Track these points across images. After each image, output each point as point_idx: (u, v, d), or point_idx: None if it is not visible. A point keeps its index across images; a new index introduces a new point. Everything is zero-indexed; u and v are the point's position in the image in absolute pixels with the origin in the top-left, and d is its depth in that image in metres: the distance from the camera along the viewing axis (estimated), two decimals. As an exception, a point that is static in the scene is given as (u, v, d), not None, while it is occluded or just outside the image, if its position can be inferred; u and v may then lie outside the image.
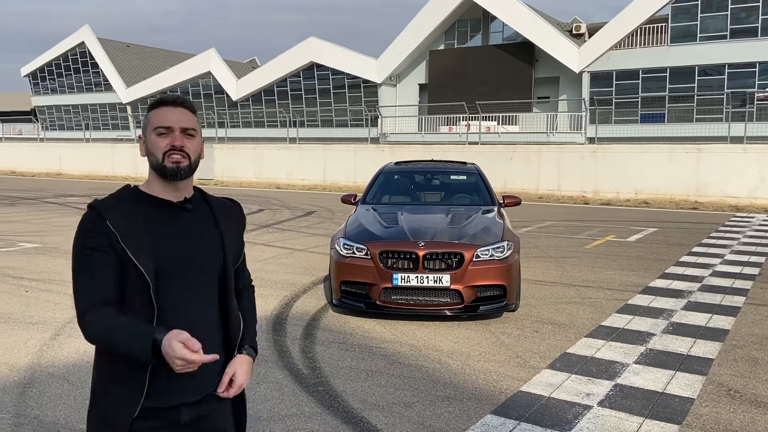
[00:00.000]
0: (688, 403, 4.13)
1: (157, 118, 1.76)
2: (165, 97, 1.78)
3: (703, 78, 27.54)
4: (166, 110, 1.76)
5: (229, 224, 1.88)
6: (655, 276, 8.08)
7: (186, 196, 1.81)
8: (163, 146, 1.74)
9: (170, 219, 1.76)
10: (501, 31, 32.33)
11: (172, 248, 1.72)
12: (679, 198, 18.34)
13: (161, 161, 1.74)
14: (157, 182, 1.78)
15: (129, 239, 1.66)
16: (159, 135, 1.75)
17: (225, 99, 39.34)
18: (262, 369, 4.69)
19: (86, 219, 1.72)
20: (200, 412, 1.79)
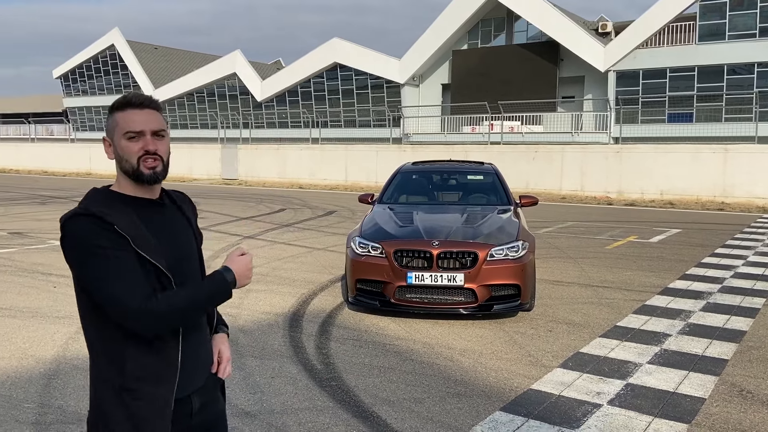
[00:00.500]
0: (699, 402, 4.12)
1: (125, 122, 1.71)
2: (130, 97, 1.73)
3: (731, 77, 27.04)
4: (133, 113, 1.71)
5: (191, 215, 1.92)
6: (675, 277, 8.02)
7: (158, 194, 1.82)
8: (136, 151, 1.70)
9: (157, 216, 1.76)
10: (525, 30, 32.14)
11: (167, 243, 1.74)
12: (705, 199, 18.07)
13: (137, 167, 1.71)
14: (129, 185, 1.75)
15: (139, 241, 1.64)
16: (130, 139, 1.70)
17: (250, 100, 39.77)
18: (277, 364, 4.80)
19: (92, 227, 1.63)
20: (206, 397, 1.85)
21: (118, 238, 1.62)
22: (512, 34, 32.62)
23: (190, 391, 1.78)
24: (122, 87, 47.34)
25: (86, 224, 1.63)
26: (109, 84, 48.35)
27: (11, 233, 11.55)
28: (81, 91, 50.12)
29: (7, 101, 60.93)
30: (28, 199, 19.04)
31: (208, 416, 1.87)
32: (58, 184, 26.53)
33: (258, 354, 5.04)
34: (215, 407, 1.91)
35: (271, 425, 3.77)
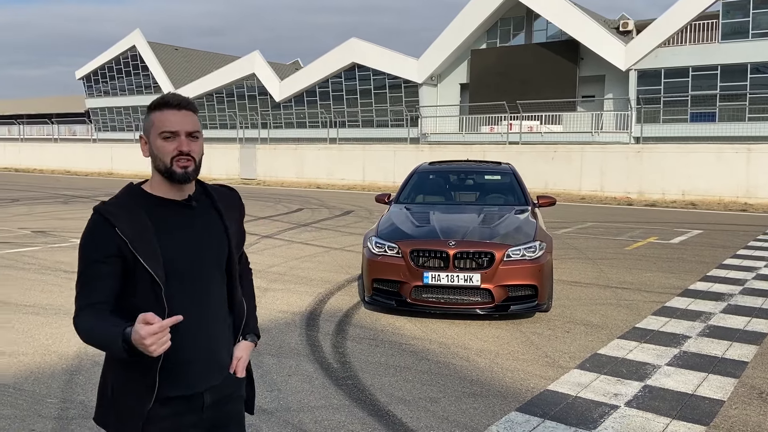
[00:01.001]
0: (718, 405, 4.08)
1: (162, 122, 1.76)
2: (168, 98, 1.78)
3: (755, 76, 26.61)
4: (170, 113, 1.75)
5: (231, 214, 1.91)
6: (695, 279, 7.92)
7: (189, 194, 1.83)
8: (170, 151, 1.75)
9: (177, 217, 1.79)
10: (545, 29, 31.92)
11: (182, 246, 1.76)
12: (728, 199, 17.82)
13: (170, 166, 1.75)
14: (162, 183, 1.79)
15: (138, 244, 1.69)
16: (165, 139, 1.75)
17: (268, 100, 40.01)
18: (293, 362, 4.84)
19: (94, 225, 1.73)
20: (222, 394, 1.89)
21: (113, 243, 1.68)
22: (531, 33, 32.42)
23: (201, 388, 1.82)
24: (143, 88, 47.91)
25: (91, 223, 1.74)
26: (130, 85, 48.95)
27: (35, 231, 11.77)
28: (103, 92, 50.81)
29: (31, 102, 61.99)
30: (51, 199, 19.36)
31: (220, 414, 1.90)
32: (81, 184, 26.94)
33: (275, 352, 5.08)
34: (230, 407, 1.94)
35: (288, 423, 3.80)
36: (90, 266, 1.71)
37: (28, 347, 5.12)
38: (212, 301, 1.85)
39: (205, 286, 1.81)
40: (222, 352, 1.88)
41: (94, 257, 1.70)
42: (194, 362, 1.78)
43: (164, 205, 1.78)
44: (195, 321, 1.78)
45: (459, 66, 33.82)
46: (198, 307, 1.80)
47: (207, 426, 1.87)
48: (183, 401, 1.79)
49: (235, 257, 1.90)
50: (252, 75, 40.58)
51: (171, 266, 1.73)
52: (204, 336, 1.81)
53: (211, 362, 1.84)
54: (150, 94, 47.17)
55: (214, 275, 1.84)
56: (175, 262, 1.74)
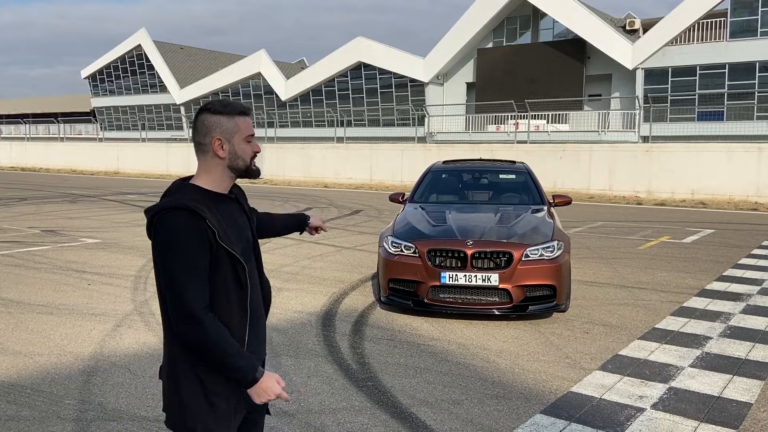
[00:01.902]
0: (746, 407, 4.01)
1: (247, 127, 1.98)
2: (243, 107, 1.99)
3: (764, 74, 26.46)
4: (247, 120, 1.99)
5: (247, 204, 2.15)
6: (712, 278, 7.85)
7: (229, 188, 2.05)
8: (250, 152, 1.99)
9: (229, 209, 1.99)
10: (551, 28, 31.83)
11: (238, 233, 1.96)
12: (738, 199, 17.70)
13: (249, 165, 2.00)
14: (226, 180, 1.99)
15: (222, 233, 1.86)
16: (248, 142, 1.98)
17: (274, 99, 40.00)
18: (312, 363, 4.79)
19: (189, 221, 1.82)
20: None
21: (207, 236, 1.82)
22: (538, 32, 32.33)
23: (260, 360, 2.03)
24: (149, 87, 47.97)
25: (182, 218, 1.83)
26: (135, 84, 49.01)
27: (44, 231, 11.75)
28: (108, 91, 50.90)
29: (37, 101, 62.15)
30: (58, 198, 19.36)
31: None
32: (87, 183, 26.96)
33: (293, 353, 5.03)
34: None
35: (310, 425, 3.75)
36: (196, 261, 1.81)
37: (43, 348, 5.09)
38: (256, 282, 2.06)
39: (252, 267, 2.03)
40: (262, 334, 2.08)
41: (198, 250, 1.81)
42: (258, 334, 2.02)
43: (219, 198, 1.96)
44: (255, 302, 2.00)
45: (465, 65, 33.75)
46: (256, 291, 2.03)
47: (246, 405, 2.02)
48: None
49: (257, 240, 2.15)
50: (258, 74, 40.58)
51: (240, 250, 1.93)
52: (259, 317, 2.03)
53: (263, 336, 2.08)
54: (155, 93, 47.22)
55: (253, 257, 2.07)
56: (241, 246, 1.94)
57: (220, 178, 1.97)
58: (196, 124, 1.97)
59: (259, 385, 1.86)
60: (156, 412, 3.86)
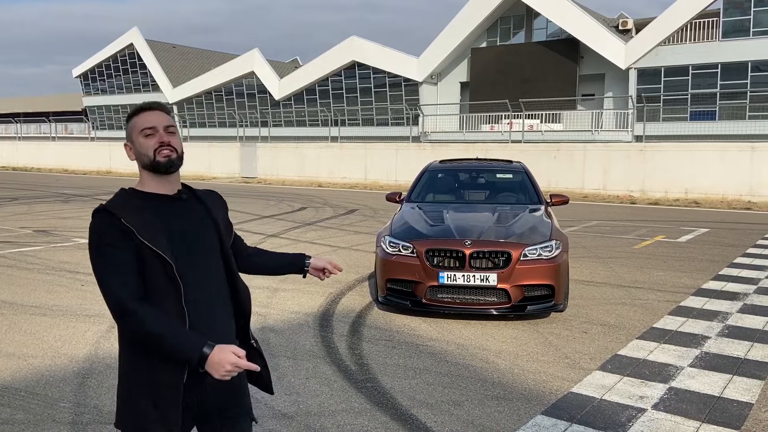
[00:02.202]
0: (747, 407, 4.00)
1: (141, 122, 1.94)
2: (141, 104, 1.98)
3: (756, 74, 26.59)
4: (146, 114, 1.95)
5: (218, 211, 2.08)
6: (708, 278, 7.85)
7: (178, 188, 2.00)
8: (152, 145, 1.93)
9: (171, 209, 1.94)
10: (545, 27, 31.87)
11: (180, 233, 1.91)
12: (731, 198, 17.77)
13: (153, 158, 1.92)
14: (151, 180, 1.95)
15: (144, 231, 1.82)
16: (146, 136, 1.93)
17: (268, 98, 39.87)
18: (310, 364, 4.75)
19: (100, 221, 1.85)
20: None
21: (123, 232, 1.81)
22: (531, 31, 32.36)
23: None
24: (141, 86, 47.70)
25: (98, 220, 1.86)
26: (128, 83, 48.73)
27: (36, 231, 11.64)
28: (100, 90, 50.58)
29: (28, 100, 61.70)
30: (50, 197, 19.22)
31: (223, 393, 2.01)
32: (80, 183, 26.78)
33: (291, 354, 4.99)
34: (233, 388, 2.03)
35: (309, 427, 3.71)
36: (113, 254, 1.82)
37: (37, 350, 5.02)
38: (212, 285, 1.98)
39: (204, 272, 1.95)
40: (221, 334, 1.97)
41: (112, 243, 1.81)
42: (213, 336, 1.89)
43: (158, 198, 1.94)
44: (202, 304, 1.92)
45: (459, 64, 33.74)
46: (200, 290, 1.93)
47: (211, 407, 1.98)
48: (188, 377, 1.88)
49: (228, 246, 2.05)
50: (251, 73, 40.43)
51: (176, 251, 1.87)
52: (206, 317, 1.94)
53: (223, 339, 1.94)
54: (148, 92, 46.97)
55: (210, 262, 1.98)
56: (176, 245, 1.88)
57: (146, 180, 1.96)
58: None
59: (211, 359, 1.77)
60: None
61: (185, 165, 2.17)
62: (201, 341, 1.80)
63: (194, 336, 1.81)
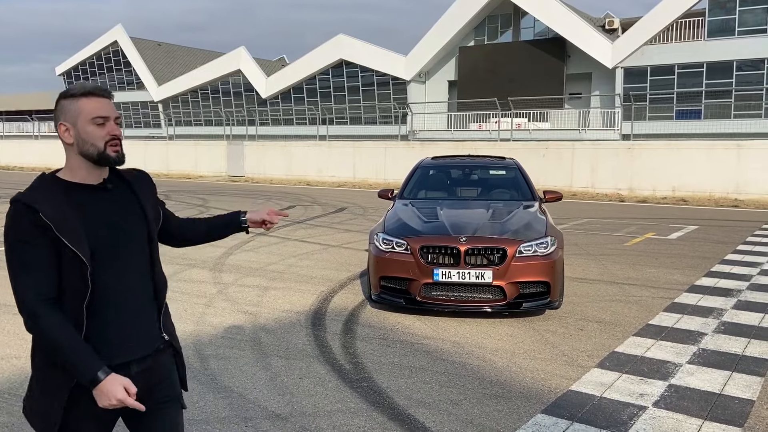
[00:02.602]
0: (748, 404, 3.95)
1: (93, 109, 1.83)
2: (92, 86, 1.85)
3: (741, 73, 26.82)
4: (98, 101, 1.84)
5: (146, 194, 2.02)
6: (700, 274, 7.84)
7: (104, 177, 1.91)
8: (103, 135, 1.83)
9: (96, 200, 1.86)
10: (532, 26, 31.93)
11: (102, 226, 1.84)
12: (718, 196, 17.87)
13: (103, 150, 1.84)
14: (82, 169, 1.86)
15: (62, 227, 1.74)
16: (98, 125, 1.83)
17: (254, 97, 39.60)
18: (304, 364, 4.64)
19: (16, 213, 1.76)
20: (148, 365, 1.96)
21: (40, 227, 1.73)
22: (519, 30, 32.41)
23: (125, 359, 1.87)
24: (125, 84, 47.19)
25: (14, 213, 1.78)
26: (112, 81, 48.18)
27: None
28: (84, 89, 49.90)
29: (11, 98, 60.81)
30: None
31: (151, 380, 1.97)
32: (63, 181, 26.33)
33: (283, 354, 4.88)
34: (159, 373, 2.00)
35: (305, 428, 3.61)
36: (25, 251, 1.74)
37: (20, 350, 4.86)
38: (134, 278, 1.93)
39: (126, 264, 1.89)
40: (146, 324, 1.95)
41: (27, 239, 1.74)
42: (117, 334, 1.86)
43: (82, 189, 1.85)
44: (118, 295, 1.86)
45: (447, 63, 33.71)
46: (120, 283, 1.88)
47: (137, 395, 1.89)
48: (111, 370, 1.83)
49: (155, 235, 2.00)
50: (237, 71, 40.14)
51: (94, 246, 1.80)
52: (127, 309, 1.89)
53: (134, 334, 1.91)
54: (132, 90, 46.49)
55: (135, 253, 1.92)
56: (97, 242, 1.81)
57: (77, 167, 1.86)
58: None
59: (100, 387, 1.74)
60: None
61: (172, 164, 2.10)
62: (97, 365, 1.75)
63: (91, 358, 1.76)
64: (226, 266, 8.20)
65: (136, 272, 1.93)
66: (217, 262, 8.43)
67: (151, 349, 1.95)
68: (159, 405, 1.99)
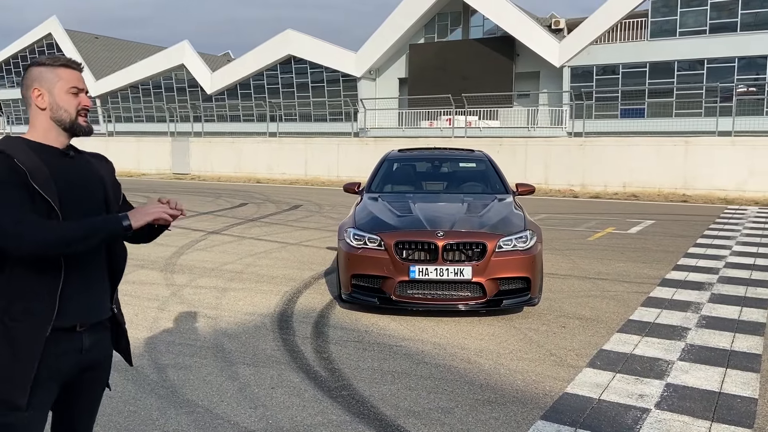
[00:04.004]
0: (752, 403, 3.76)
1: (71, 78, 1.92)
2: (67, 59, 1.93)
3: (682, 73, 27.62)
4: (74, 73, 1.94)
5: (105, 170, 2.06)
6: (669, 268, 7.77)
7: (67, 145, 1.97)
8: (76, 105, 1.92)
9: (61, 161, 1.91)
10: (481, 25, 32.05)
11: (66, 186, 1.87)
12: (667, 191, 18.23)
13: (75, 119, 1.92)
14: (52, 132, 1.91)
15: (36, 175, 1.79)
16: (73, 94, 1.92)
17: (199, 92, 38.39)
18: (275, 372, 4.21)
19: None
20: (97, 337, 1.99)
21: (16, 170, 1.76)
22: (469, 28, 32.49)
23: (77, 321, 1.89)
24: (61, 78, 45.01)
25: None
26: (46, 75, 45.85)
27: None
28: (16, 83, 47.38)
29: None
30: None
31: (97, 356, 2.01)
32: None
33: (250, 361, 4.42)
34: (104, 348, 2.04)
35: (284, 447, 3.19)
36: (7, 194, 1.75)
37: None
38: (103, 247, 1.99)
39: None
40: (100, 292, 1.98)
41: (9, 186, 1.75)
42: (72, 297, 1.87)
43: (49, 150, 1.90)
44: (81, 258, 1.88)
45: (397, 60, 33.47)
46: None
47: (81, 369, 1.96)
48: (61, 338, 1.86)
49: (114, 204, 2.02)
50: (181, 66, 38.82)
51: (64, 201, 1.84)
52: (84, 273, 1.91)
53: (87, 300, 1.93)
54: (69, 85, 44.36)
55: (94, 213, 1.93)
56: (64, 197, 1.85)
57: (46, 131, 1.91)
58: (22, 79, 1.94)
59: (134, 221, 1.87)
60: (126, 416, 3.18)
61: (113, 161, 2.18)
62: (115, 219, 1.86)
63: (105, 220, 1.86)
64: (178, 266, 7.63)
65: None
66: (168, 263, 7.85)
67: (102, 318, 1.99)
68: (92, 382, 2.03)
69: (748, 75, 26.47)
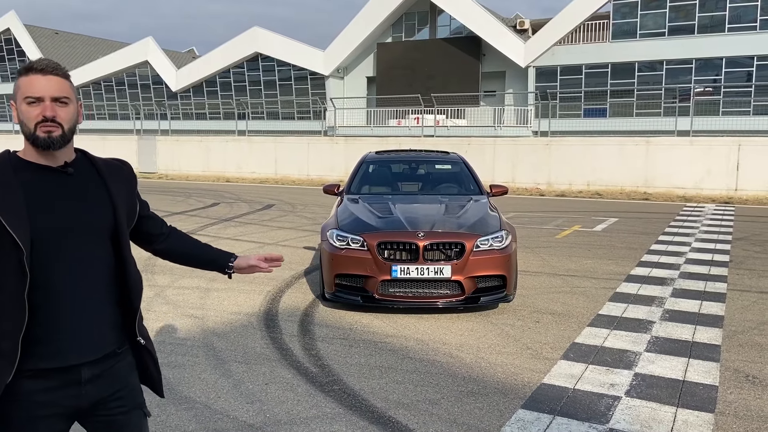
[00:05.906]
0: (713, 390, 4.08)
1: (27, 87, 1.71)
2: (34, 63, 1.73)
3: (642, 74, 28.46)
4: (35, 78, 1.71)
5: (118, 183, 1.86)
6: (633, 264, 8.15)
7: (66, 161, 1.77)
8: (34, 116, 1.71)
9: (50, 184, 1.73)
10: (448, 24, 32.44)
11: (54, 212, 1.70)
12: (629, 189, 18.85)
13: (33, 131, 1.71)
14: (31, 150, 1.74)
15: (4, 208, 1.62)
16: (30, 104, 1.71)
17: (164, 90, 37.93)
18: (266, 369, 4.38)
19: None
20: (102, 369, 1.80)
21: None
22: (436, 28, 32.84)
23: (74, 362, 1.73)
24: (20, 74, 43.83)
25: None
26: (4, 71, 44.73)
27: None
28: (-28, 79, 46.02)
29: None
30: None
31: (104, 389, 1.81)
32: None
33: (241, 359, 4.58)
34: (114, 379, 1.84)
35: (284, 439, 3.37)
36: None
37: None
38: (91, 272, 1.76)
39: (83, 256, 1.74)
40: (100, 326, 1.79)
41: None
42: (67, 333, 1.71)
43: (34, 169, 1.72)
44: (69, 290, 1.71)
45: (365, 59, 33.64)
46: (72, 277, 1.72)
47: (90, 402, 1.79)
48: (58, 374, 1.72)
49: (124, 227, 1.83)
50: (145, 62, 38.28)
51: (41, 232, 1.66)
52: (79, 307, 1.73)
53: (86, 335, 1.75)
54: (28, 81, 43.24)
55: (96, 245, 1.77)
56: (45, 228, 1.68)
57: (29, 148, 1.74)
58: None
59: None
60: None
61: None
62: None
63: None
64: (158, 267, 7.70)
65: (92, 267, 1.76)
66: (147, 263, 7.90)
67: (101, 354, 1.78)
68: (115, 415, 1.84)
69: (705, 76, 27.46)
